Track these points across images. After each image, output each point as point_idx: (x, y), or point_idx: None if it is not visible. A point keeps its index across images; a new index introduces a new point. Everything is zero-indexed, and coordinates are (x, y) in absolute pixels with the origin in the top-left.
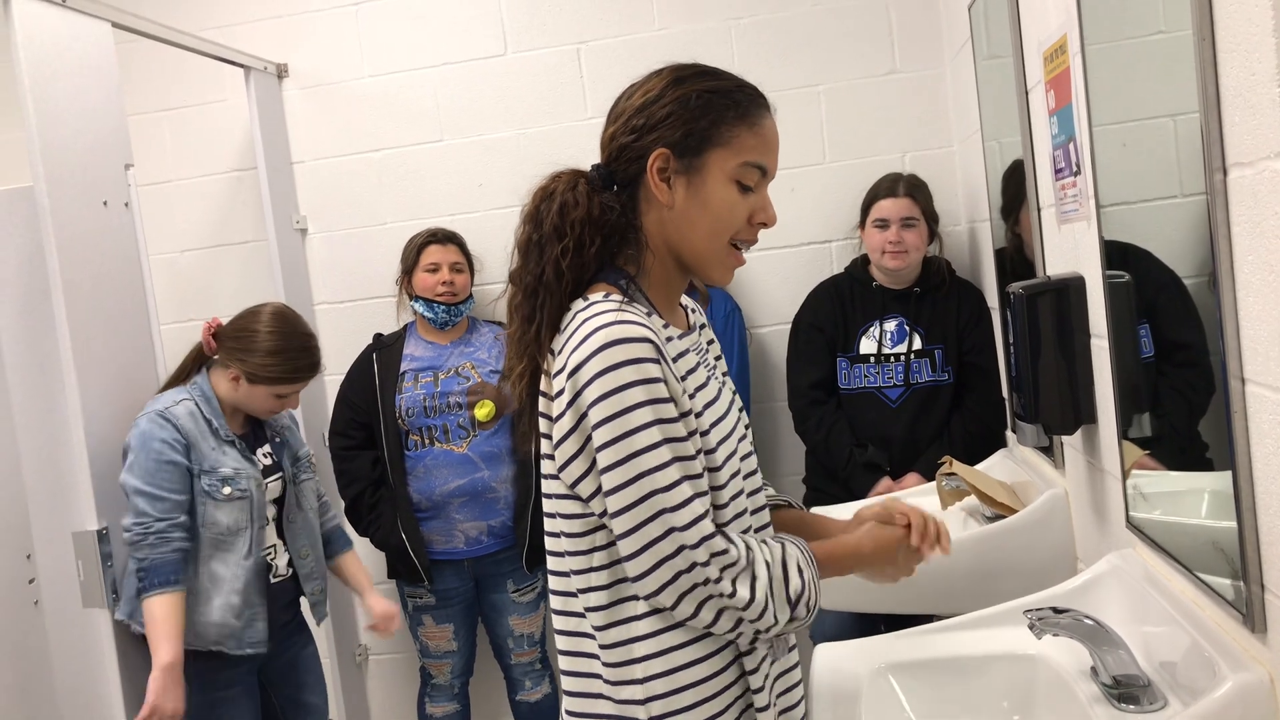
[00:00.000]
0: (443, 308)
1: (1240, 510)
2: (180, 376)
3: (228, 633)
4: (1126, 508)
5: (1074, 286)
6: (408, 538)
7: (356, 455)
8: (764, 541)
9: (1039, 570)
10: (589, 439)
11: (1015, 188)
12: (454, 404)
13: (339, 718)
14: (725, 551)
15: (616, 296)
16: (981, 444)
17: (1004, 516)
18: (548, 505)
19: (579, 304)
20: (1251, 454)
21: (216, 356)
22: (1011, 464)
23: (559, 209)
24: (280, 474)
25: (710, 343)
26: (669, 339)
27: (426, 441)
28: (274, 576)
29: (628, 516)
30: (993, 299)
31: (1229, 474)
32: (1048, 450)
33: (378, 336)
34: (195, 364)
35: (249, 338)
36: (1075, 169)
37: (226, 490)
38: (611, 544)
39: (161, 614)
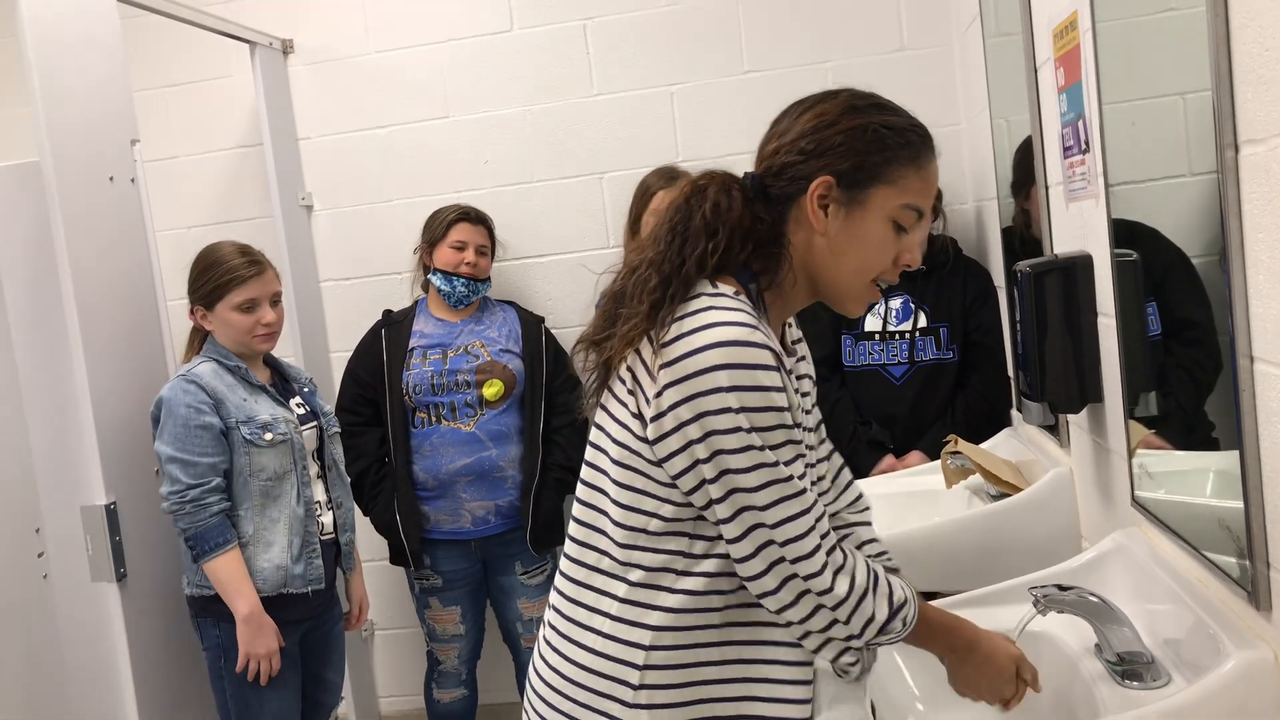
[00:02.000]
0: (462, 282)
1: (1247, 489)
2: (190, 355)
3: (292, 574)
4: (1132, 486)
5: (1081, 265)
6: (401, 517)
7: (364, 432)
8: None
9: (1043, 548)
10: (689, 422)
11: (1026, 164)
12: (462, 382)
13: (346, 691)
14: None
15: (744, 299)
16: (986, 423)
17: (1009, 495)
18: (601, 461)
19: (706, 286)
20: (1259, 432)
21: (196, 318)
22: (1016, 442)
23: (712, 207)
24: (316, 423)
25: (800, 378)
26: None
27: (433, 419)
28: (322, 534)
29: (736, 499)
30: (999, 277)
31: (1235, 453)
32: (1053, 429)
33: (387, 313)
34: (199, 339)
35: (192, 273)
36: (1084, 147)
37: (269, 436)
38: (675, 518)
39: (225, 573)
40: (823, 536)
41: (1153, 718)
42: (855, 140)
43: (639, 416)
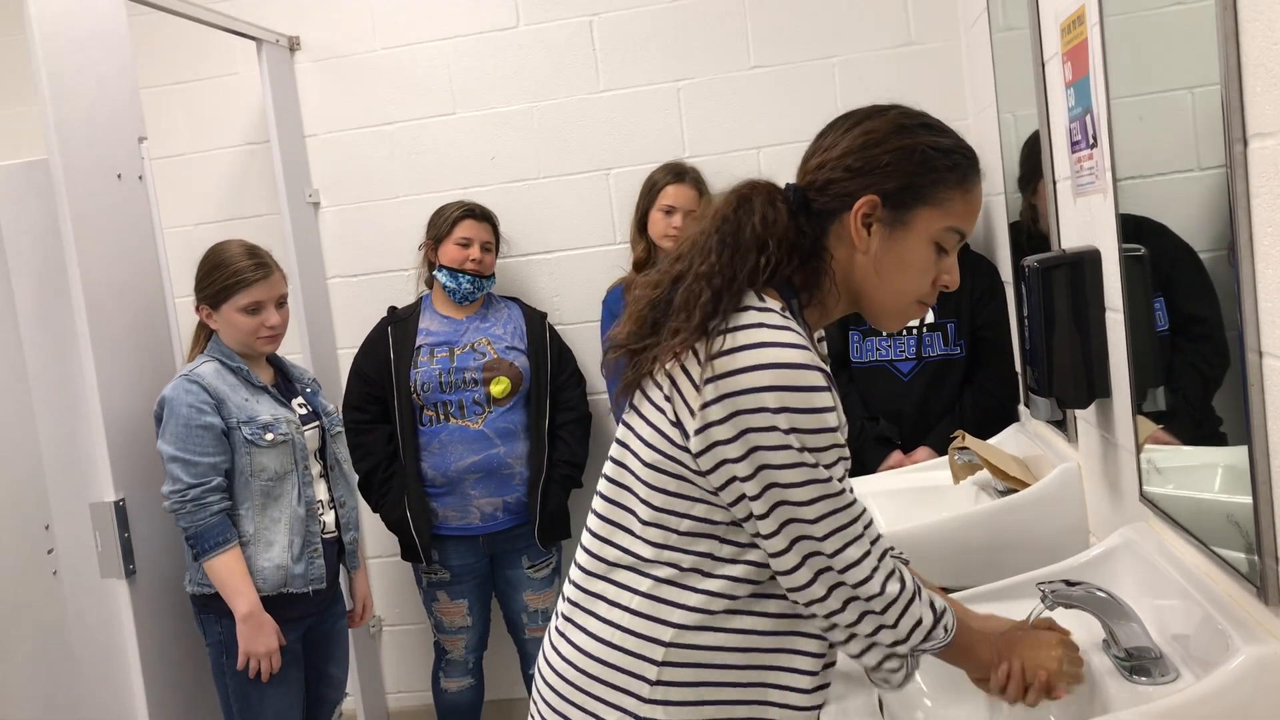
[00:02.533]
0: (467, 278)
1: (1256, 484)
2: (195, 350)
3: (292, 573)
4: (1140, 481)
5: (1089, 260)
6: (411, 514)
7: (371, 429)
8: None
9: (1051, 544)
10: (731, 441)
11: (1034, 159)
12: (469, 379)
13: (354, 687)
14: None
15: (788, 314)
16: (993, 418)
17: (1016, 490)
18: (628, 460)
19: (753, 299)
20: (1268, 427)
21: (202, 315)
22: (1024, 438)
23: (760, 220)
24: (318, 423)
25: None
26: None
27: (441, 417)
28: (324, 533)
29: (781, 511)
30: (1006, 273)
31: (1244, 448)
32: (1060, 424)
33: (392, 309)
34: (204, 334)
35: (199, 271)
36: (1092, 141)
37: (269, 436)
38: (706, 518)
39: (225, 572)
40: (873, 542)
41: (1161, 713)
42: (903, 161)
43: (677, 424)
